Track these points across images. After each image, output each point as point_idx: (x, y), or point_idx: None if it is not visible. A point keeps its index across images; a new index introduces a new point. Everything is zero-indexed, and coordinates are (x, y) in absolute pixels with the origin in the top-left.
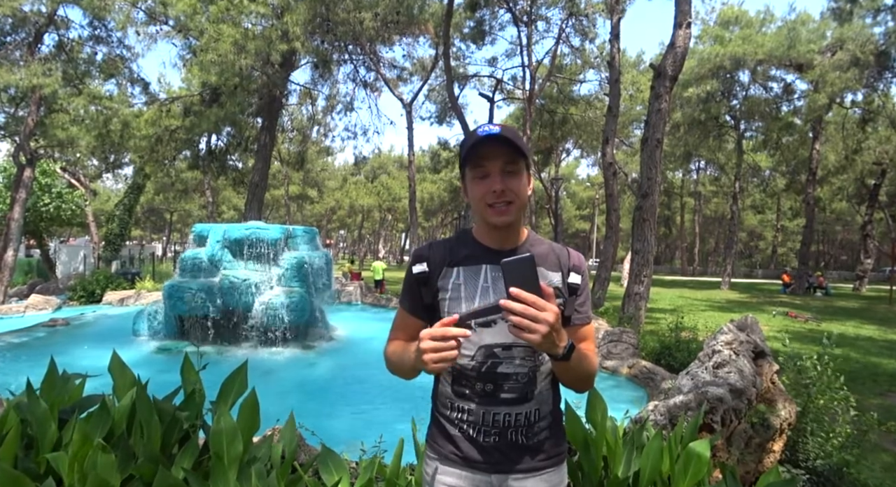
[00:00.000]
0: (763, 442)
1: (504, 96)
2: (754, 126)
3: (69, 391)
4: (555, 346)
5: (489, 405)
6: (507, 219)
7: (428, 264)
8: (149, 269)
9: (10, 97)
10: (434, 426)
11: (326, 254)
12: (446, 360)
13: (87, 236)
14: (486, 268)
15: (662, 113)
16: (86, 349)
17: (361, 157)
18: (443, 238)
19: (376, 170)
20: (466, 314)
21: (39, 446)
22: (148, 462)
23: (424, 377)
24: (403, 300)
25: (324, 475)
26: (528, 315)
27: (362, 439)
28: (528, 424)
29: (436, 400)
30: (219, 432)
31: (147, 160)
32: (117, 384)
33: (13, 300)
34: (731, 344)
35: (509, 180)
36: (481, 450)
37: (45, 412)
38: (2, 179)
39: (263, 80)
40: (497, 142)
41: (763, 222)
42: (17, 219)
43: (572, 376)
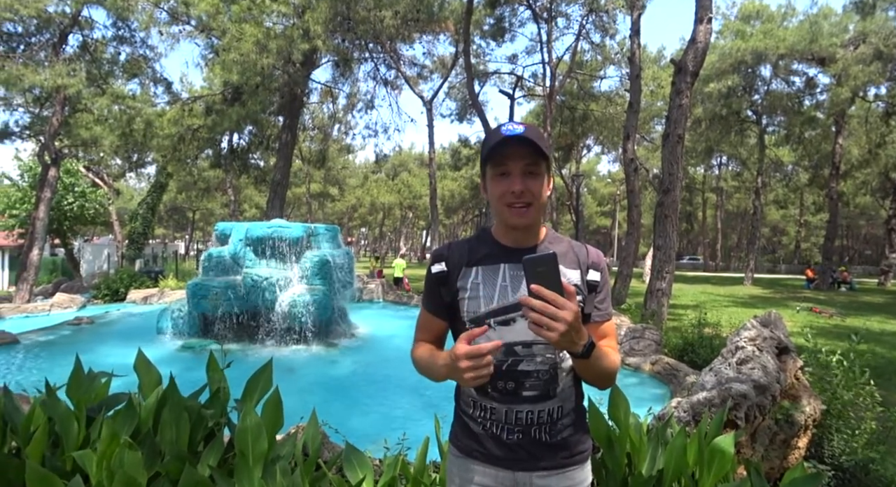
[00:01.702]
0: (788, 439)
1: (524, 93)
2: (776, 121)
3: (95, 389)
4: (574, 344)
5: (511, 403)
6: (524, 220)
7: (447, 264)
8: (172, 268)
9: (34, 97)
10: (457, 424)
11: (348, 252)
12: (483, 376)
13: (110, 235)
14: (504, 267)
15: (683, 108)
16: (110, 347)
17: (382, 155)
18: (463, 237)
19: (397, 168)
20: (485, 312)
21: (65, 444)
22: (175, 460)
23: None
24: (425, 300)
25: (347, 472)
26: (547, 312)
27: (385, 437)
28: (551, 421)
29: (459, 398)
30: (244, 430)
31: (170, 159)
32: (143, 382)
33: (38, 298)
34: (755, 340)
35: (530, 181)
36: (505, 448)
37: (69, 410)
38: (27, 179)
39: (285, 79)
40: (520, 143)
41: (786, 217)
42: (43, 218)
43: (593, 373)
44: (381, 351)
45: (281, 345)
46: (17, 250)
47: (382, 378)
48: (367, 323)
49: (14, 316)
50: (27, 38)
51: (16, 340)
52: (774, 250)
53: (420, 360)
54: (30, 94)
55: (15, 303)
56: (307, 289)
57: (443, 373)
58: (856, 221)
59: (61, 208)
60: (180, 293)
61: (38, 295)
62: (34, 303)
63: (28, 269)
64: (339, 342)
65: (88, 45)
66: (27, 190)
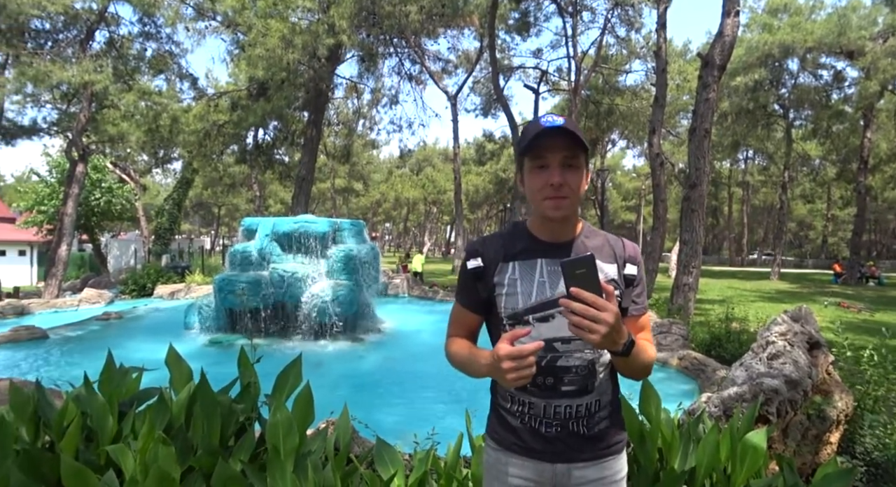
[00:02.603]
0: (819, 434)
1: (549, 88)
2: (804, 114)
3: (127, 384)
4: (615, 344)
5: (550, 398)
6: (563, 212)
7: (483, 259)
8: (198, 263)
9: (62, 93)
10: (495, 417)
11: (374, 247)
12: (525, 376)
13: (136, 230)
14: (541, 263)
15: (710, 102)
16: (139, 342)
17: (407, 150)
18: (496, 231)
19: (421, 163)
20: (524, 309)
21: (99, 438)
22: (207, 455)
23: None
24: (460, 295)
25: (379, 467)
26: (588, 315)
27: (413, 431)
28: (589, 415)
29: (496, 392)
30: (275, 424)
31: (195, 155)
32: (174, 377)
33: (67, 294)
34: (786, 335)
35: (568, 174)
36: (544, 441)
37: (104, 405)
38: (55, 175)
39: (310, 74)
40: (560, 135)
41: (812, 212)
42: (71, 214)
43: (631, 368)
44: (407, 347)
45: (307, 340)
46: (45, 246)
47: (409, 373)
48: (392, 318)
49: (43, 311)
50: (55, 35)
51: (45, 335)
52: (801, 245)
53: (457, 356)
54: (57, 91)
55: (44, 298)
56: (333, 284)
57: (483, 372)
58: (884, 216)
59: (89, 204)
60: (207, 288)
61: (66, 290)
62: (63, 298)
63: (57, 265)
64: (365, 337)
65: (115, 41)
66: (55, 186)
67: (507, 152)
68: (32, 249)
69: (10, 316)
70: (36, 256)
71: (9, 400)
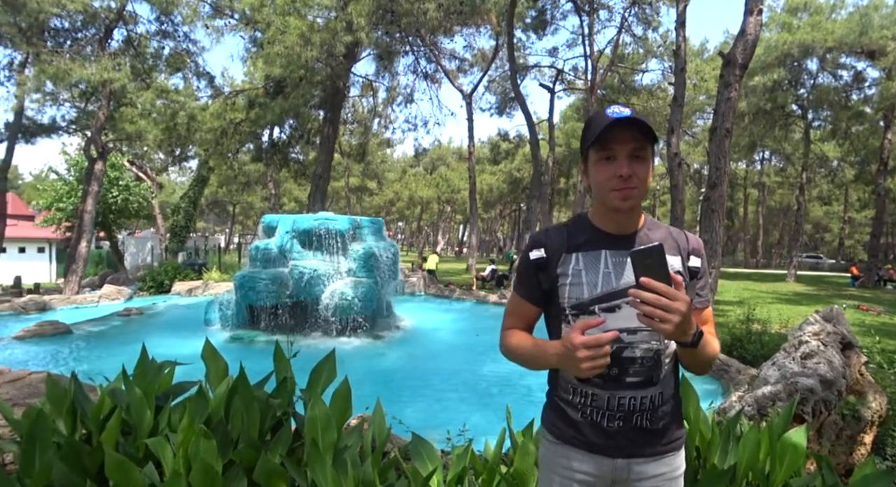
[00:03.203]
0: (854, 435)
1: (564, 87)
2: (822, 115)
3: (161, 378)
4: (685, 334)
5: (614, 389)
6: (630, 202)
7: (546, 250)
8: (215, 260)
9: (80, 92)
10: (553, 410)
11: (393, 245)
12: (600, 365)
13: (152, 228)
14: (605, 254)
15: (732, 102)
16: (160, 338)
17: (421, 149)
18: (558, 223)
19: (435, 162)
20: (589, 299)
21: (137, 431)
22: (248, 449)
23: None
24: (519, 286)
25: (416, 463)
26: (659, 305)
27: (437, 428)
28: (653, 408)
29: (555, 384)
30: (313, 419)
31: (212, 153)
32: (210, 371)
33: (86, 290)
34: (819, 335)
35: (636, 165)
36: (606, 435)
37: (141, 398)
38: (73, 173)
39: (328, 72)
40: (628, 126)
41: (829, 214)
42: (90, 211)
43: (697, 360)
44: (426, 344)
45: (327, 337)
46: (63, 243)
47: (431, 370)
48: (410, 316)
49: (65, 307)
50: (74, 34)
51: (69, 330)
52: (817, 247)
53: (517, 348)
54: (76, 89)
55: (65, 295)
56: (353, 282)
57: (551, 362)
58: None
59: (106, 201)
60: (224, 285)
61: (85, 287)
62: (83, 295)
63: (77, 261)
64: (384, 334)
65: (132, 39)
66: (73, 184)
67: (521, 151)
68: (51, 246)
69: (33, 311)
70: (55, 253)
71: (46, 392)
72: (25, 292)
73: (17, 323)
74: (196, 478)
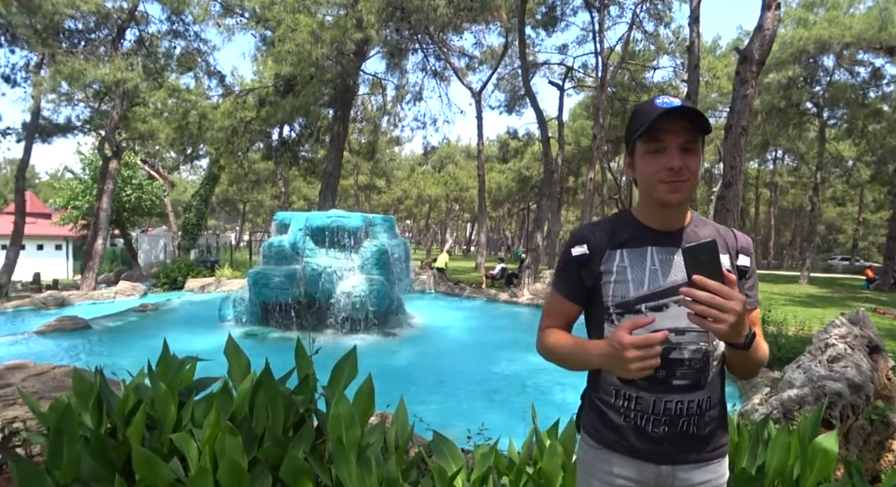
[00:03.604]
0: (882, 440)
1: (574, 84)
2: (838, 113)
3: (182, 373)
4: (738, 335)
5: (660, 392)
6: (680, 196)
7: (588, 246)
8: (226, 257)
9: (94, 92)
10: (593, 413)
11: (404, 243)
12: (650, 366)
13: (164, 226)
14: (651, 250)
15: (748, 99)
16: (176, 333)
17: (430, 147)
18: (601, 219)
19: (444, 160)
20: (635, 297)
21: (161, 426)
22: (274, 446)
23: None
24: (560, 284)
25: (439, 462)
26: (714, 304)
27: (453, 427)
28: (700, 412)
29: (596, 386)
30: (337, 416)
31: (223, 151)
32: (232, 367)
33: (102, 286)
34: (846, 338)
35: (687, 158)
36: (650, 440)
37: (166, 393)
38: (88, 172)
39: (338, 70)
40: (679, 117)
41: (843, 215)
42: (106, 209)
43: (747, 363)
44: (438, 342)
45: (340, 334)
46: (79, 240)
47: (443, 368)
48: (421, 314)
49: (83, 303)
50: (87, 35)
51: (88, 325)
52: (830, 248)
53: (557, 347)
54: (90, 90)
55: (82, 291)
56: (366, 279)
57: (595, 363)
58: None
59: (120, 200)
60: (236, 282)
61: (101, 283)
62: (99, 291)
63: (93, 258)
64: (396, 332)
65: (144, 39)
66: (88, 182)
67: (530, 150)
68: (68, 244)
69: (52, 307)
70: (71, 250)
71: (73, 386)
72: (44, 288)
73: (37, 318)
74: (224, 476)
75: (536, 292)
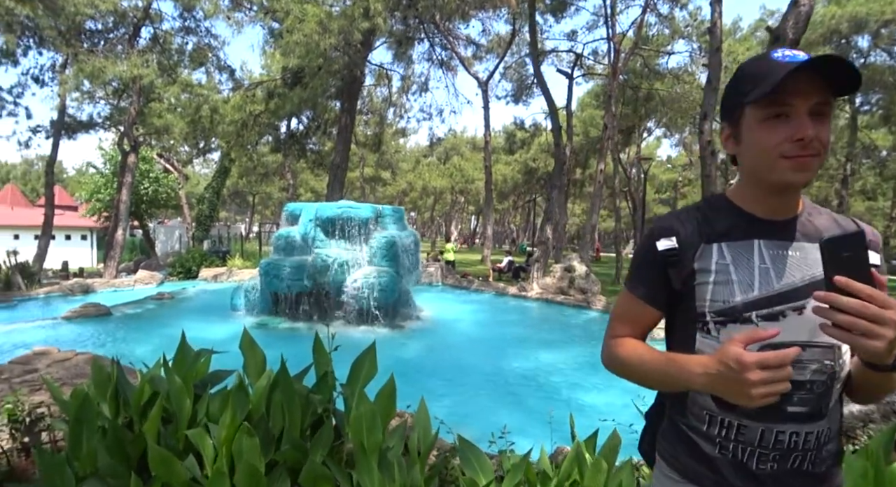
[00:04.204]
0: None
1: (583, 72)
2: (873, 98)
3: (198, 366)
4: (891, 354)
5: (771, 421)
6: (808, 175)
7: (678, 239)
8: (237, 248)
9: (113, 89)
10: (675, 438)
11: (414, 234)
12: (776, 393)
13: (179, 217)
14: (758, 244)
15: None
16: (191, 321)
17: (436, 139)
18: (688, 206)
19: (449, 152)
20: (743, 303)
21: (177, 420)
22: (293, 450)
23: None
24: (637, 285)
25: (466, 470)
26: (867, 314)
27: (468, 426)
28: (818, 447)
29: (680, 409)
30: (359, 418)
31: (233, 145)
32: (248, 362)
33: (122, 274)
34: None
35: (819, 125)
36: (753, 479)
37: (182, 388)
38: (109, 166)
39: (345, 61)
40: (811, 74)
41: (872, 210)
42: (125, 201)
43: (881, 388)
44: (447, 336)
45: (349, 326)
46: (102, 231)
47: (453, 364)
48: (429, 306)
49: (105, 290)
50: (106, 34)
51: (109, 312)
52: None
53: (636, 361)
54: (109, 87)
55: (104, 278)
56: (375, 271)
57: (696, 383)
58: None
59: (138, 192)
60: (247, 272)
61: (121, 271)
62: (120, 279)
63: (114, 248)
64: (405, 324)
65: (158, 37)
66: (109, 176)
67: (537, 141)
68: (92, 234)
69: (78, 293)
70: (95, 240)
71: (91, 375)
72: (72, 276)
73: (64, 304)
74: (242, 480)
75: (546, 286)
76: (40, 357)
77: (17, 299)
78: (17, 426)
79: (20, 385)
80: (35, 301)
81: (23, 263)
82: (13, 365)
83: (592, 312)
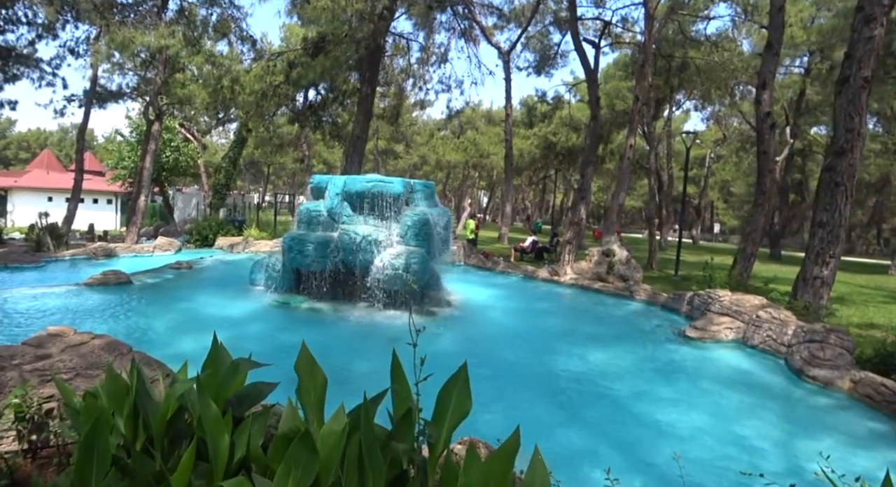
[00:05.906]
0: None
1: (610, 42)
2: None
3: (232, 378)
4: None
5: None
6: None
7: None
8: (252, 217)
9: (141, 61)
10: None
11: (446, 212)
12: None
13: (195, 185)
14: None
15: (874, 42)
16: (209, 295)
17: (454, 111)
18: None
19: (464, 125)
20: None
21: (213, 464)
22: None
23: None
24: None
25: None
26: None
27: (526, 450)
28: None
29: None
30: None
31: (252, 115)
32: (304, 386)
33: (143, 239)
34: None
35: None
36: None
37: (217, 417)
38: (134, 135)
39: (370, 28)
40: None
41: None
42: (148, 168)
43: None
44: (482, 326)
45: (374, 309)
46: (126, 196)
47: (496, 362)
48: (457, 289)
49: (126, 255)
50: (136, 7)
51: (129, 280)
52: None
53: None
54: (137, 58)
55: (126, 243)
56: (406, 251)
57: None
58: None
59: (160, 160)
60: (263, 243)
61: (142, 236)
62: (141, 244)
63: (136, 213)
64: (436, 310)
65: (184, 9)
66: (135, 144)
67: (559, 114)
68: (117, 199)
69: (101, 257)
70: (119, 205)
71: (105, 383)
72: (97, 238)
73: (88, 268)
74: None
75: (581, 271)
76: (54, 339)
77: (45, 260)
78: (24, 424)
79: (31, 373)
80: (61, 263)
81: (53, 224)
82: (26, 348)
83: (635, 303)
